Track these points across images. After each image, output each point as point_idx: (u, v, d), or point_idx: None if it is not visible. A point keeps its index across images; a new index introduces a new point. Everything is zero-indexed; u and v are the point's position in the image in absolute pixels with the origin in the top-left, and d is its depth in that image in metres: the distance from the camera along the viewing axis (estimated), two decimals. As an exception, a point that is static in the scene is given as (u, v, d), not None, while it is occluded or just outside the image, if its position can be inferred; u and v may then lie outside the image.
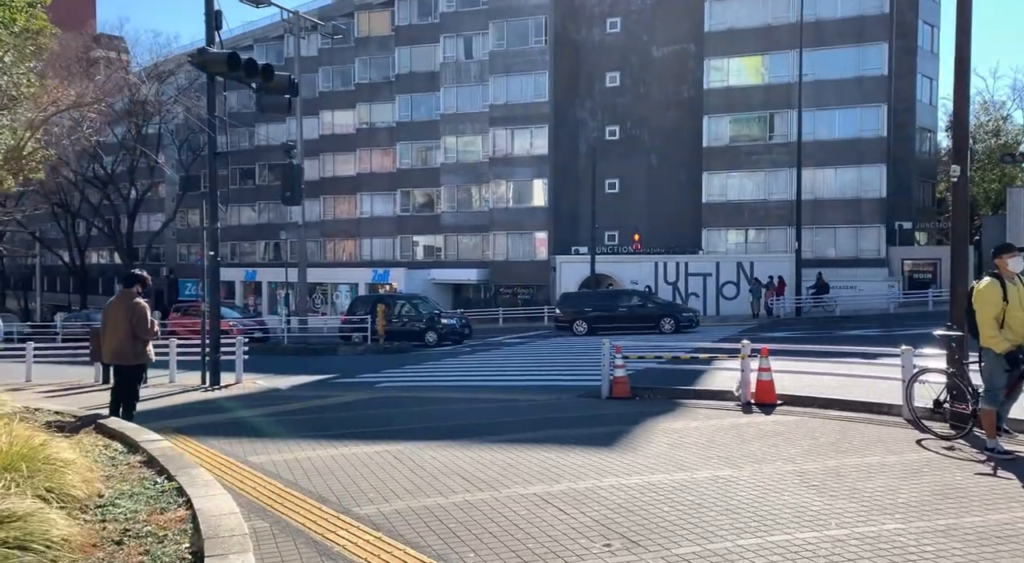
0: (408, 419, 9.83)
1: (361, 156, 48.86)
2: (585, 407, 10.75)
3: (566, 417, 9.79)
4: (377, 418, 10.09)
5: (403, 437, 8.37)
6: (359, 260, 48.19)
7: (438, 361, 19.47)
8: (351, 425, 9.36)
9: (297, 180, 13.21)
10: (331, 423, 9.63)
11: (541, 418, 9.73)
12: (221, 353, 14.22)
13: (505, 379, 15.16)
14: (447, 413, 10.28)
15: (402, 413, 10.46)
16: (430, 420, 9.69)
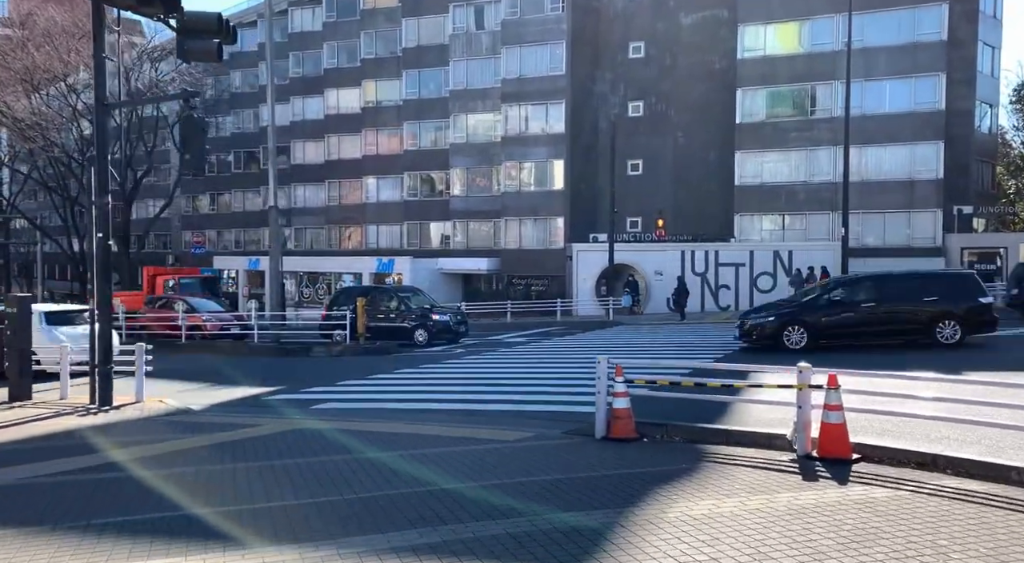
0: (287, 487, 6.52)
1: (367, 137, 45.72)
2: (567, 460, 7.39)
3: (534, 483, 6.44)
4: (242, 483, 6.82)
5: (232, 544, 5.08)
6: (365, 248, 45.14)
7: (415, 368, 16.22)
8: (185, 495, 6.11)
9: (198, 139, 10.03)
10: (150, 497, 6.39)
11: (496, 485, 6.39)
12: (114, 365, 11.08)
13: (481, 396, 11.86)
14: (362, 471, 6.99)
15: (293, 471, 7.19)
16: (321, 489, 6.40)
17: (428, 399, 11.83)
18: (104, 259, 10.86)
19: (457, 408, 11.00)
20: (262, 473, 6.93)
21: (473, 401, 11.54)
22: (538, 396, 11.75)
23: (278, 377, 15.75)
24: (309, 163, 49.06)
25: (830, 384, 7.08)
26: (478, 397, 11.90)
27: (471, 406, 11.11)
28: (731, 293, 33.40)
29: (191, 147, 10.00)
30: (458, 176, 41.72)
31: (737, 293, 33.28)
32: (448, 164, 41.89)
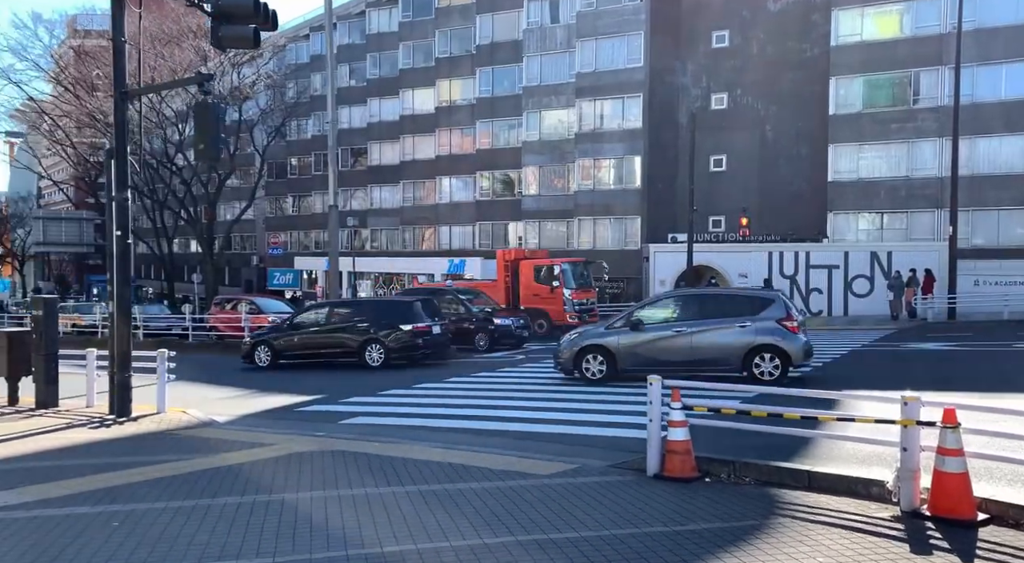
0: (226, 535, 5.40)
1: (440, 137, 45.12)
2: (609, 507, 6.00)
3: (563, 543, 5.10)
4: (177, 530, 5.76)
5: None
6: (437, 249, 44.54)
7: (467, 377, 15.07)
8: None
9: (213, 126, 9.15)
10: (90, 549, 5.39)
11: (513, 543, 5.09)
12: (133, 373, 10.37)
13: (529, 414, 10.57)
14: (341, 514, 5.82)
15: (257, 512, 6.08)
16: (275, 543, 5.25)
17: (469, 416, 10.61)
18: (123, 257, 10.14)
19: (498, 428, 9.75)
20: (212, 516, 5.85)
21: (519, 418, 10.26)
22: (593, 415, 10.37)
23: (324, 383, 14.90)
24: (385, 164, 48.93)
25: (947, 421, 5.45)
26: (525, 414, 10.61)
27: (514, 426, 9.84)
28: (823, 297, 30.89)
29: (205, 134, 9.13)
30: (531, 175, 40.52)
31: (830, 297, 30.77)
32: (520, 163, 40.74)
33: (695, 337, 12.76)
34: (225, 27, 10.90)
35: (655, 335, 13.04)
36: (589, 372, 13.32)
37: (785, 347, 12.24)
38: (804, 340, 12.53)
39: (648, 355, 12.88)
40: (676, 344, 12.86)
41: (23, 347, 11.27)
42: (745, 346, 12.43)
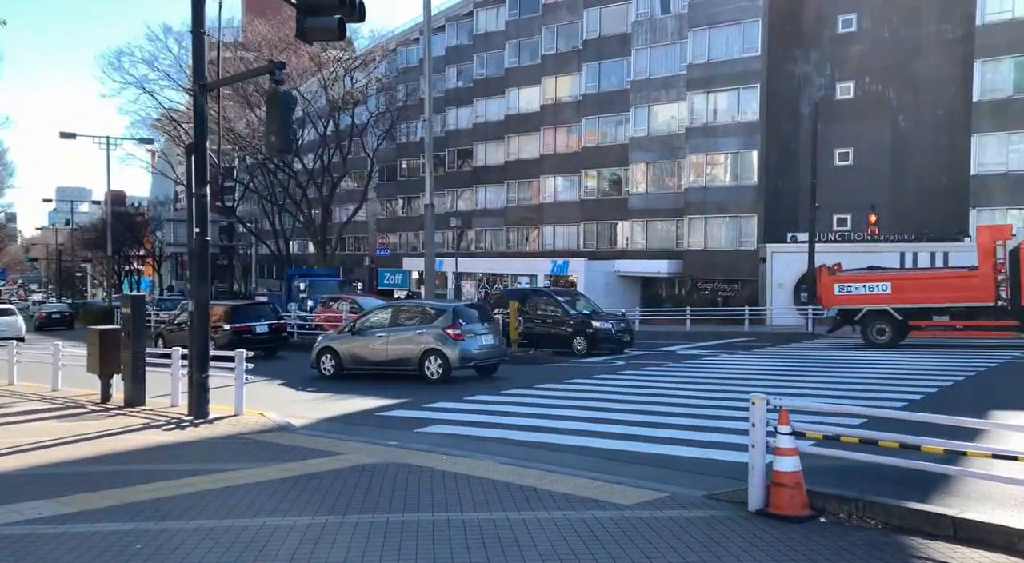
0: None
1: (545, 135, 44.40)
2: (708, 547, 4.99)
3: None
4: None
5: None
6: (541, 249, 43.83)
7: (560, 383, 14.17)
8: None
9: (284, 116, 8.72)
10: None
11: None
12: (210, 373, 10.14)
13: (621, 428, 9.56)
14: (376, 547, 5.09)
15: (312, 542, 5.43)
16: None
17: (554, 429, 9.73)
18: (201, 256, 9.93)
19: (583, 444, 8.82)
20: (242, 542, 5.24)
21: (608, 434, 9.29)
22: (692, 433, 9.25)
23: (409, 386, 14.42)
24: (491, 164, 48.77)
25: None
26: (616, 428, 9.62)
27: (602, 442, 8.89)
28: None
29: (277, 125, 8.73)
30: (638, 172, 39.08)
31: (972, 303, 27.74)
32: (627, 160, 39.38)
33: (390, 341, 14.97)
34: (310, 19, 10.52)
35: (365, 340, 15.25)
36: (324, 368, 15.58)
37: (446, 351, 14.33)
38: (463, 345, 14.41)
39: (361, 356, 15.11)
40: (378, 347, 15.02)
41: (114, 345, 11.34)
42: (420, 350, 14.52)
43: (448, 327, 14.43)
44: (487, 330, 15.14)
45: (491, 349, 15.01)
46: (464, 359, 14.38)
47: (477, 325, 14.93)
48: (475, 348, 14.46)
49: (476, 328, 14.82)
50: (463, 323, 14.60)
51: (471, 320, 14.89)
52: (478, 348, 14.63)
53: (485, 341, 14.88)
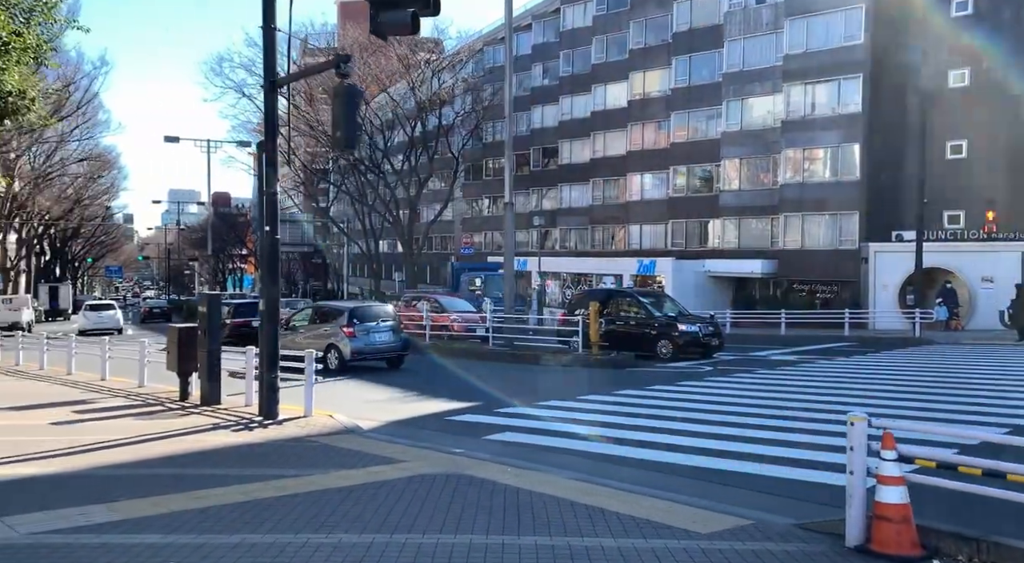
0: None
1: (632, 132, 43.35)
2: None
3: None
4: None
5: None
6: (627, 249, 42.84)
7: (641, 390, 13.47)
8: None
9: (349, 109, 8.46)
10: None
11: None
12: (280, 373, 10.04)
13: (702, 442, 8.86)
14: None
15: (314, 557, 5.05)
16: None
17: (630, 440, 9.12)
18: (271, 255, 9.83)
19: (660, 458, 8.18)
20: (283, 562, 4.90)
21: (689, 448, 8.61)
22: (782, 448, 8.46)
23: (485, 389, 14.07)
24: (576, 162, 48.12)
25: None
26: (698, 441, 8.92)
27: (681, 456, 8.22)
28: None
29: (342, 120, 8.48)
30: (730, 168, 37.55)
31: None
32: (718, 156, 37.91)
33: (307, 337, 17.26)
34: (383, 14, 10.29)
35: (293, 335, 17.50)
36: None
37: (340, 346, 16.63)
38: (355, 342, 16.55)
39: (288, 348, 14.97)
40: (299, 341, 16.88)
41: (191, 343, 11.45)
42: (324, 344, 16.50)
43: (343, 326, 16.78)
44: (382, 328, 17.23)
45: (385, 344, 17.12)
46: (356, 353, 16.63)
47: (372, 324, 17.11)
48: (364, 344, 16.51)
49: (370, 326, 16.98)
50: (357, 322, 16.84)
51: (367, 319, 17.08)
52: (368, 344, 16.78)
53: (379, 338, 17.07)
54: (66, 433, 9.05)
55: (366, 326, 16.91)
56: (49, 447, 8.10)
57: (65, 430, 9.26)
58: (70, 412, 10.67)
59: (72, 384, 14.44)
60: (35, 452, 7.86)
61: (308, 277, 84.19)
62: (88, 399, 12.19)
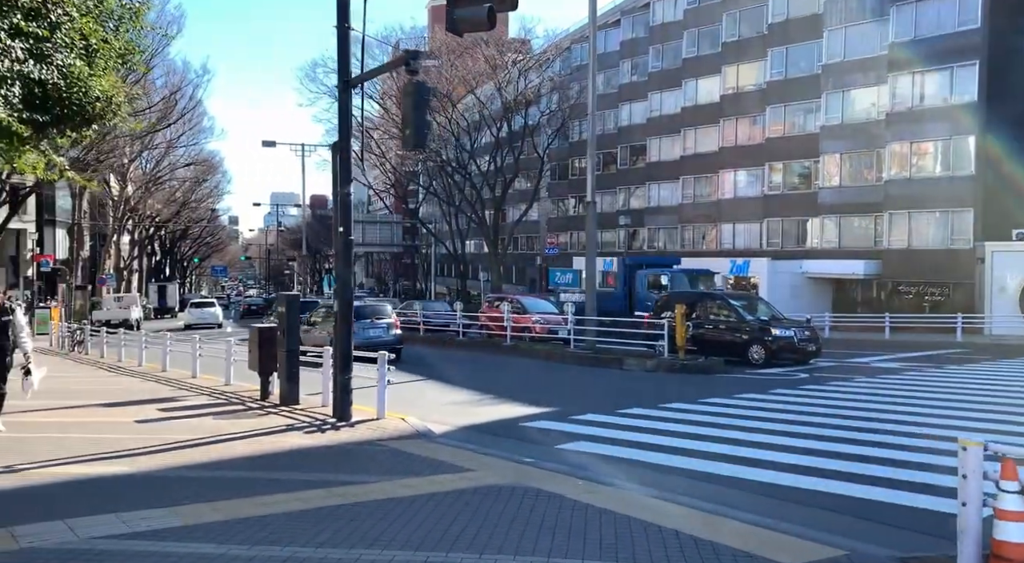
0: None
1: (725, 128, 41.91)
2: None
3: None
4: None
5: None
6: (719, 249, 41.45)
7: (728, 398, 12.77)
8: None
9: (419, 107, 8.25)
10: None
11: None
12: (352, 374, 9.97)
13: (791, 457, 8.20)
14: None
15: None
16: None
17: (712, 453, 8.54)
18: (345, 256, 9.78)
19: (743, 474, 7.59)
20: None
21: (776, 464, 7.97)
22: (882, 467, 7.72)
23: (563, 393, 13.72)
24: (664, 160, 46.99)
25: None
26: (787, 456, 8.26)
27: (768, 473, 7.61)
28: None
29: (411, 118, 8.29)
30: (830, 164, 35.71)
31: None
32: (817, 151, 36.12)
33: (321, 332, 19.35)
34: (459, 10, 10.09)
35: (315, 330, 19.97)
36: None
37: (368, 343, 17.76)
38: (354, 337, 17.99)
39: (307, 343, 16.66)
40: (315, 336, 19.23)
41: (271, 343, 11.58)
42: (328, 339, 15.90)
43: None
44: (378, 325, 20.04)
45: (378, 339, 18.86)
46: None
47: (367, 321, 19.81)
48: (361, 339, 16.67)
49: (366, 323, 19.44)
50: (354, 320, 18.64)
51: (363, 317, 19.24)
52: (364, 338, 17.89)
53: (373, 333, 19.55)
54: (148, 431, 9.25)
55: (362, 323, 18.77)
56: (129, 445, 8.26)
57: (148, 428, 9.47)
58: (156, 410, 10.95)
59: (165, 381, 14.94)
60: (115, 450, 8.03)
61: (398, 277, 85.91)
62: (175, 397, 12.53)
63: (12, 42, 7.67)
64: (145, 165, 58.99)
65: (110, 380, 15.75)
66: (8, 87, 7.79)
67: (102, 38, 9.66)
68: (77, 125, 9.03)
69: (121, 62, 10.41)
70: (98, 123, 9.59)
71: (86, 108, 9.00)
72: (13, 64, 7.67)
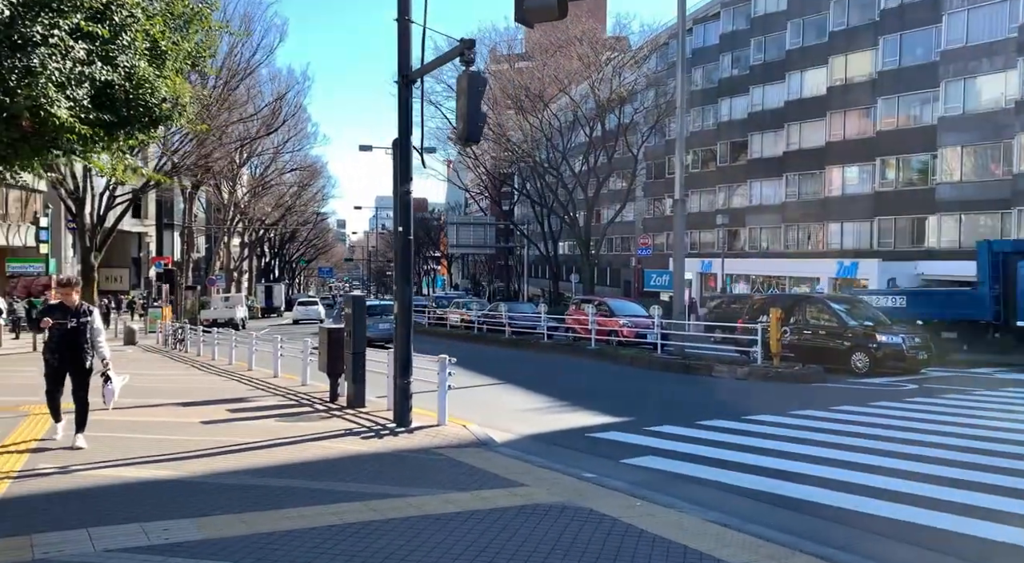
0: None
1: (832, 121, 39.58)
2: None
3: None
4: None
5: None
6: (825, 249, 39.15)
7: (824, 410, 11.69)
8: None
9: (473, 98, 7.79)
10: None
11: None
12: (412, 378, 9.64)
13: (893, 484, 7.23)
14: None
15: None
16: None
17: (799, 474, 7.67)
18: (404, 257, 9.47)
19: (833, 501, 6.72)
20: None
21: (871, 490, 7.05)
22: (1000, 498, 6.68)
23: (641, 402, 12.99)
24: (766, 156, 44.90)
25: None
26: (884, 481, 7.30)
27: (861, 501, 6.71)
28: None
29: (467, 111, 7.85)
30: (950, 157, 33.05)
31: None
32: (935, 143, 33.49)
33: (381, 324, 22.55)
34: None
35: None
36: None
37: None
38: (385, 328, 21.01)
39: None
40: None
41: (339, 345, 11.45)
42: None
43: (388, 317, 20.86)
44: (385, 320, 21.97)
45: (386, 333, 19.68)
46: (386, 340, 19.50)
47: (377, 317, 23.02)
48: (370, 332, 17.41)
49: (376, 319, 22.52)
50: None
51: (373, 314, 22.06)
52: (373, 331, 19.32)
53: (381, 327, 22.14)
54: (209, 433, 9.22)
55: (373, 318, 21.19)
56: (184, 448, 8.21)
57: (210, 430, 9.46)
58: (225, 410, 11.00)
59: (247, 380, 15.17)
60: (169, 453, 7.98)
61: (492, 278, 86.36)
62: (249, 397, 12.62)
63: (75, 43, 7.74)
64: (254, 170, 61.80)
65: (196, 379, 16.16)
66: (74, 88, 7.88)
67: (173, 41, 9.75)
68: (144, 126, 9.11)
69: (191, 64, 10.54)
70: (164, 124, 9.68)
71: (153, 109, 9.07)
72: (75, 65, 7.74)
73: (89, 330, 8.07)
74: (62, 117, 7.66)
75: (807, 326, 17.95)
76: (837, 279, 34.49)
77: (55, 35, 7.49)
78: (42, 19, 7.44)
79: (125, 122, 8.97)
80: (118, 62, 8.41)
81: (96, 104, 8.51)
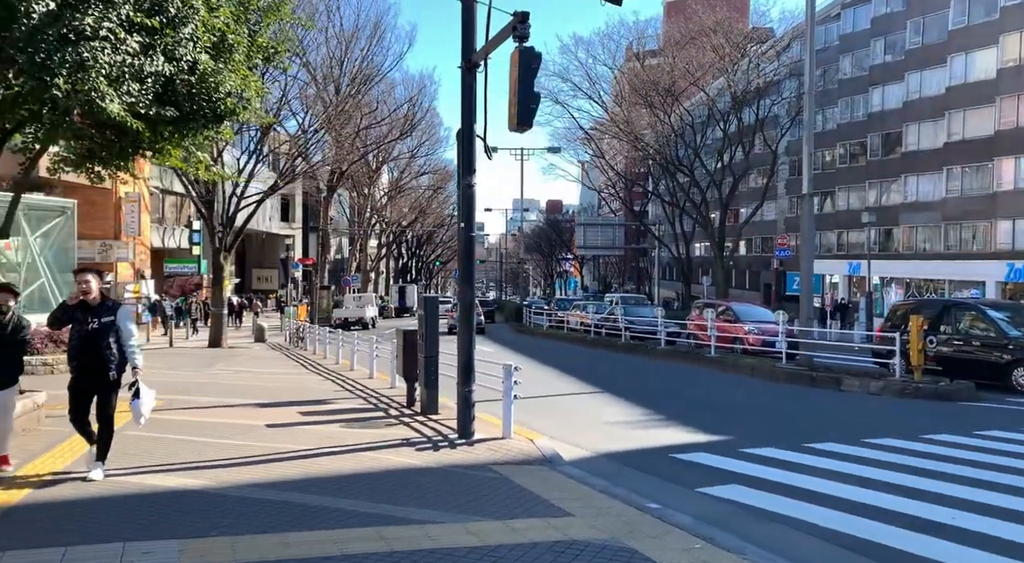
0: None
1: (1004, 107, 35.17)
2: None
3: None
4: None
5: None
6: (993, 250, 34.84)
7: (966, 436, 9.84)
8: None
9: (525, 79, 6.92)
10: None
11: None
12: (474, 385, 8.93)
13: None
14: None
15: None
16: None
17: (912, 519, 6.27)
18: (467, 254, 8.79)
19: (953, 554, 5.35)
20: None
21: (996, 542, 5.59)
22: None
23: (748, 418, 11.62)
24: (924, 148, 40.68)
25: None
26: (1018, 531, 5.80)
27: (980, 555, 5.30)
28: None
29: (519, 91, 7.01)
30: None
31: None
32: None
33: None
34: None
35: None
36: None
37: None
38: None
39: None
40: None
41: (413, 348, 10.97)
42: None
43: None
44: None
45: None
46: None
47: None
48: None
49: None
50: None
51: None
52: None
53: None
54: (267, 438, 8.94)
55: None
56: (230, 454, 7.91)
57: (269, 435, 9.18)
58: (298, 413, 10.77)
59: (340, 380, 15.09)
60: (210, 459, 7.68)
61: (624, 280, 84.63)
62: (330, 399, 12.40)
63: (128, 35, 7.62)
64: (392, 173, 63.91)
65: (293, 377, 16.29)
66: (129, 82, 7.77)
67: (243, 33, 9.59)
68: (208, 121, 8.98)
69: (264, 58, 10.39)
70: (229, 119, 9.53)
71: (216, 104, 8.91)
72: (128, 58, 7.62)
73: (116, 332, 6.57)
74: (114, 112, 7.55)
75: (958, 335, 15.63)
76: (1007, 284, 30.51)
77: (104, 27, 7.39)
78: (91, 11, 7.36)
79: (189, 117, 8.85)
80: (178, 55, 8.27)
81: (159, 99, 8.41)
